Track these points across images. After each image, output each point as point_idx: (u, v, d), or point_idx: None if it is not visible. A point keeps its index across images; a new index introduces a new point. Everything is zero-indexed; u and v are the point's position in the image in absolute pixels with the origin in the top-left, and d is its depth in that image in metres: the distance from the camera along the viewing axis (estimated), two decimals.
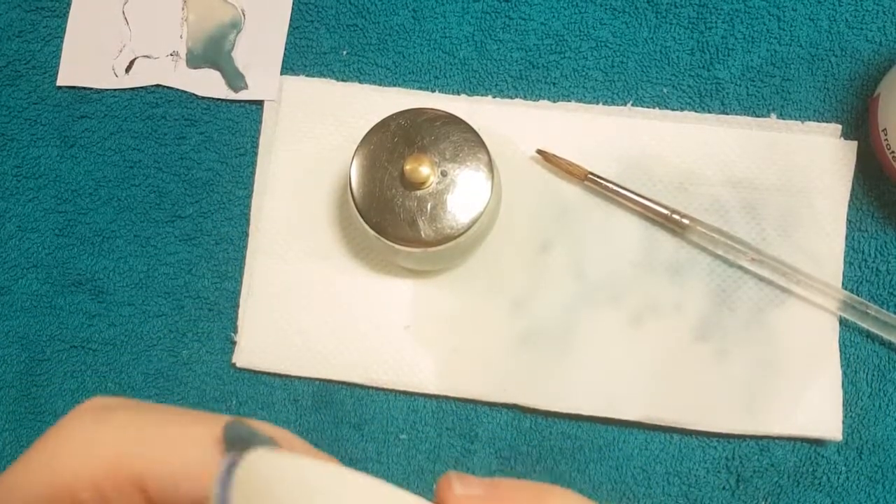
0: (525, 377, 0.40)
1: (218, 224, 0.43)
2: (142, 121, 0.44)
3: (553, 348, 0.40)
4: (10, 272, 0.44)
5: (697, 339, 0.39)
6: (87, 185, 0.44)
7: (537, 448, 0.40)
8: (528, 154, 0.42)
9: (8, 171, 0.44)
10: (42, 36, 0.45)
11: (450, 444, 0.40)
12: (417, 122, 0.38)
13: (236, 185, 0.43)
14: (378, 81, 0.43)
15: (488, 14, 0.43)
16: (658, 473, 0.39)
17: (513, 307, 0.40)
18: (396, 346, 0.41)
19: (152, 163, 0.44)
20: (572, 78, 0.43)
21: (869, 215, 0.40)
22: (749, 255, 0.39)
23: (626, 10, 0.43)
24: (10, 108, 0.45)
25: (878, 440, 0.39)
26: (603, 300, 0.40)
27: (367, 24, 0.44)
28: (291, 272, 0.42)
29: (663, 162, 0.41)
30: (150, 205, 0.44)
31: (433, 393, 0.40)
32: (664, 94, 0.42)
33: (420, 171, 0.36)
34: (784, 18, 0.42)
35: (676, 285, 0.40)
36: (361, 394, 0.41)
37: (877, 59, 0.42)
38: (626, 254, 0.40)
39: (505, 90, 0.43)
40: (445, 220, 0.37)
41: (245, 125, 0.44)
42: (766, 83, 0.42)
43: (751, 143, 0.41)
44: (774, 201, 0.40)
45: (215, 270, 0.43)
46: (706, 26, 0.42)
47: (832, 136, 0.41)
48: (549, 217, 0.41)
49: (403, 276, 0.41)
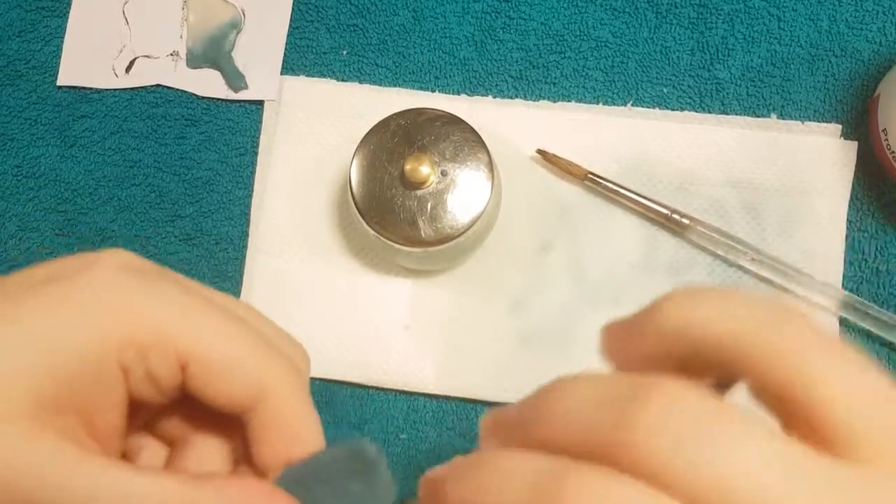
0: (525, 377, 0.40)
1: (218, 224, 0.43)
2: (142, 121, 0.44)
3: (553, 348, 0.40)
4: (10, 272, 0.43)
5: None
6: (87, 184, 0.44)
7: None
8: (528, 154, 0.41)
9: (8, 171, 0.44)
10: (42, 36, 0.45)
11: (450, 444, 0.40)
12: (417, 122, 0.38)
13: (236, 185, 0.43)
14: (378, 81, 0.43)
15: (488, 14, 0.43)
16: None
17: (512, 307, 0.40)
18: (396, 346, 0.41)
19: (152, 162, 0.44)
20: (572, 78, 0.43)
21: (869, 215, 0.40)
22: (749, 255, 0.39)
23: (626, 10, 0.43)
24: (10, 107, 0.45)
25: None
26: (603, 300, 0.40)
27: (367, 24, 0.44)
28: (291, 272, 0.42)
29: (663, 162, 0.41)
30: (150, 204, 0.44)
31: (433, 393, 0.40)
32: (664, 94, 0.42)
33: (420, 170, 0.36)
34: (784, 18, 0.42)
35: (676, 285, 0.40)
36: (361, 394, 0.41)
37: (877, 59, 0.42)
38: (626, 254, 0.40)
39: (505, 90, 0.43)
40: (445, 219, 0.37)
41: (245, 125, 0.44)
42: (766, 83, 0.42)
43: (751, 144, 0.41)
44: (774, 201, 0.40)
45: (215, 270, 0.43)
46: (706, 26, 0.42)
47: (832, 136, 0.41)
48: (549, 217, 0.41)
49: (403, 276, 0.41)
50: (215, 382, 0.23)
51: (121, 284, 0.22)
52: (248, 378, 0.23)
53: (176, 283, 0.23)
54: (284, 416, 0.23)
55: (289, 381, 0.24)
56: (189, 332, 0.22)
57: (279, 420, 0.23)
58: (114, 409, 0.23)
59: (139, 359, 0.22)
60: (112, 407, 0.23)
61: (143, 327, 0.22)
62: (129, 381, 0.23)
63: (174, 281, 0.24)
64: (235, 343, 0.23)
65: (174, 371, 0.23)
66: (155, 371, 0.22)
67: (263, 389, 0.23)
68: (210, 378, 0.23)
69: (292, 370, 0.24)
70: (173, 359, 0.22)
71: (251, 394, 0.23)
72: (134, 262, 0.23)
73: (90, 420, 0.22)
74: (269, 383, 0.23)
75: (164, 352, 0.22)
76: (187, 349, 0.22)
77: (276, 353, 0.24)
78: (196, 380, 0.23)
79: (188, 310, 0.23)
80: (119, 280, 0.22)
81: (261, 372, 0.23)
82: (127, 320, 0.22)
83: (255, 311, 0.26)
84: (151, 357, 0.22)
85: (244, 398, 0.23)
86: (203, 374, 0.23)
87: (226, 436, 0.25)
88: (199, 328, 0.23)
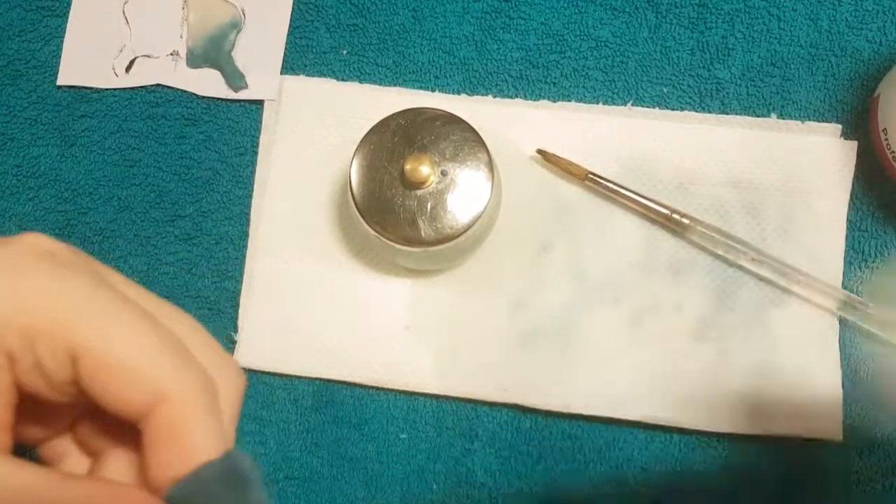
0: (525, 377, 0.40)
1: (218, 224, 0.43)
2: (142, 120, 0.44)
3: (553, 348, 0.40)
4: None
5: (697, 339, 0.39)
6: (87, 184, 0.44)
7: (537, 448, 0.40)
8: (528, 154, 0.41)
9: (8, 171, 0.44)
10: (42, 35, 0.45)
11: (450, 444, 0.40)
12: (417, 122, 0.38)
13: (236, 185, 0.43)
14: (378, 81, 0.43)
15: (488, 14, 0.43)
16: (658, 473, 0.39)
17: (513, 307, 0.40)
18: (396, 346, 0.41)
19: (152, 162, 0.44)
20: (572, 78, 0.43)
21: (869, 215, 0.40)
22: (749, 255, 0.39)
23: (626, 9, 0.43)
24: (10, 107, 0.45)
25: (878, 440, 0.39)
26: (603, 300, 0.40)
27: (367, 23, 0.44)
28: (291, 272, 0.42)
29: (663, 162, 0.41)
30: (150, 204, 0.44)
31: (433, 393, 0.40)
32: (664, 93, 0.42)
33: (420, 170, 0.36)
34: (784, 18, 0.42)
35: (676, 285, 0.40)
36: (361, 394, 0.41)
37: (877, 59, 0.42)
38: (626, 254, 0.40)
39: (505, 90, 0.43)
40: (445, 219, 0.37)
41: (245, 125, 0.44)
42: (766, 83, 0.42)
43: (751, 143, 0.41)
44: (774, 201, 0.40)
45: (215, 270, 0.43)
46: (706, 26, 0.42)
47: (832, 136, 0.41)
48: (549, 217, 0.41)
49: (403, 276, 0.41)
50: (108, 383, 0.21)
51: (22, 267, 0.21)
52: (141, 381, 0.21)
53: (87, 274, 0.22)
54: (178, 428, 0.22)
55: (191, 390, 0.22)
56: (84, 324, 0.21)
57: (172, 431, 0.22)
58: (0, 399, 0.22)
59: (26, 346, 0.21)
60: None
61: (33, 313, 0.21)
62: (17, 368, 0.21)
63: (87, 271, 0.22)
64: (135, 343, 0.22)
65: (63, 364, 0.21)
66: (43, 362, 0.21)
67: (158, 396, 0.21)
68: (102, 378, 0.21)
69: (199, 380, 0.22)
70: (62, 351, 0.21)
71: (145, 399, 0.21)
72: (47, 246, 0.22)
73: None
74: (166, 390, 0.21)
75: (53, 342, 0.21)
76: (79, 343, 0.21)
77: (183, 360, 0.22)
78: (89, 379, 0.21)
79: (90, 302, 0.21)
80: (23, 263, 0.22)
81: (158, 377, 0.21)
82: (16, 304, 0.21)
83: (185, 320, 0.24)
84: (38, 346, 0.21)
85: (137, 403, 0.21)
86: (95, 373, 0.21)
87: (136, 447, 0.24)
88: (96, 322, 0.21)
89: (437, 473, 0.40)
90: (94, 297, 0.22)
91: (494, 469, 0.40)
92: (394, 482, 0.40)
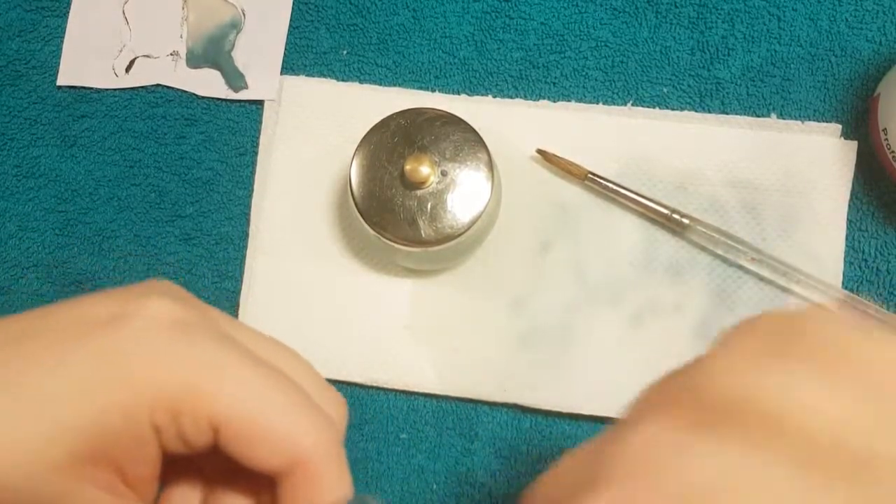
0: (525, 377, 0.40)
1: (218, 224, 0.43)
2: (142, 120, 0.44)
3: (553, 348, 0.40)
4: (10, 272, 0.44)
5: (697, 339, 0.39)
6: (87, 184, 0.44)
7: (537, 448, 0.40)
8: (528, 154, 0.41)
9: (8, 171, 0.44)
10: (42, 36, 0.45)
11: (450, 443, 0.40)
12: (417, 122, 0.38)
13: (236, 185, 0.43)
14: (378, 81, 0.43)
15: (488, 14, 0.43)
16: None
17: (513, 307, 0.40)
18: (396, 346, 0.41)
19: (152, 162, 0.44)
20: (572, 78, 0.43)
21: (869, 215, 0.40)
22: (749, 255, 0.39)
23: (626, 9, 0.43)
24: (10, 107, 0.45)
25: None
26: (603, 300, 0.40)
27: (367, 24, 0.44)
28: (291, 272, 0.42)
29: (663, 162, 0.41)
30: (150, 204, 0.44)
31: (433, 393, 0.40)
32: (664, 93, 0.42)
33: (420, 170, 0.36)
34: (784, 18, 0.42)
35: (676, 285, 0.40)
36: (361, 394, 0.41)
37: (877, 59, 0.42)
38: (626, 254, 0.40)
39: (505, 90, 0.43)
40: (445, 219, 0.37)
41: (245, 125, 0.44)
42: (766, 83, 0.42)
43: (751, 143, 0.41)
44: (774, 201, 0.40)
45: (215, 270, 0.43)
46: (706, 26, 0.42)
47: (832, 136, 0.41)
48: (549, 217, 0.41)
49: (403, 276, 0.41)
50: (246, 448, 0.23)
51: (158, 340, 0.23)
52: (279, 445, 0.23)
53: (215, 338, 0.23)
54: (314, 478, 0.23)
55: (324, 444, 0.23)
56: (223, 396, 0.23)
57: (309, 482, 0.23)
58: (147, 462, 0.23)
59: (171, 419, 0.22)
60: (145, 460, 0.23)
61: (175, 391, 0.22)
62: (162, 438, 0.23)
63: (214, 334, 0.24)
64: (268, 407, 0.23)
65: (205, 433, 0.23)
66: (186, 432, 0.23)
67: (295, 455, 0.23)
68: (241, 443, 0.23)
69: (327, 430, 0.24)
70: (205, 422, 0.23)
71: (283, 461, 0.23)
72: (175, 313, 0.23)
73: (123, 470, 0.23)
74: (301, 449, 0.23)
75: (195, 415, 0.22)
76: (218, 414, 0.22)
77: (311, 413, 0.24)
78: (228, 444, 0.23)
79: (224, 369, 0.23)
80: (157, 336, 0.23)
81: (293, 439, 0.23)
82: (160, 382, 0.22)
83: (293, 357, 0.26)
84: (182, 419, 0.22)
85: (276, 464, 0.23)
86: (235, 439, 0.23)
87: (257, 489, 0.25)
88: (233, 391, 0.23)
89: (438, 473, 0.40)
90: (227, 364, 0.23)
91: (494, 469, 0.40)
92: (394, 482, 0.40)
